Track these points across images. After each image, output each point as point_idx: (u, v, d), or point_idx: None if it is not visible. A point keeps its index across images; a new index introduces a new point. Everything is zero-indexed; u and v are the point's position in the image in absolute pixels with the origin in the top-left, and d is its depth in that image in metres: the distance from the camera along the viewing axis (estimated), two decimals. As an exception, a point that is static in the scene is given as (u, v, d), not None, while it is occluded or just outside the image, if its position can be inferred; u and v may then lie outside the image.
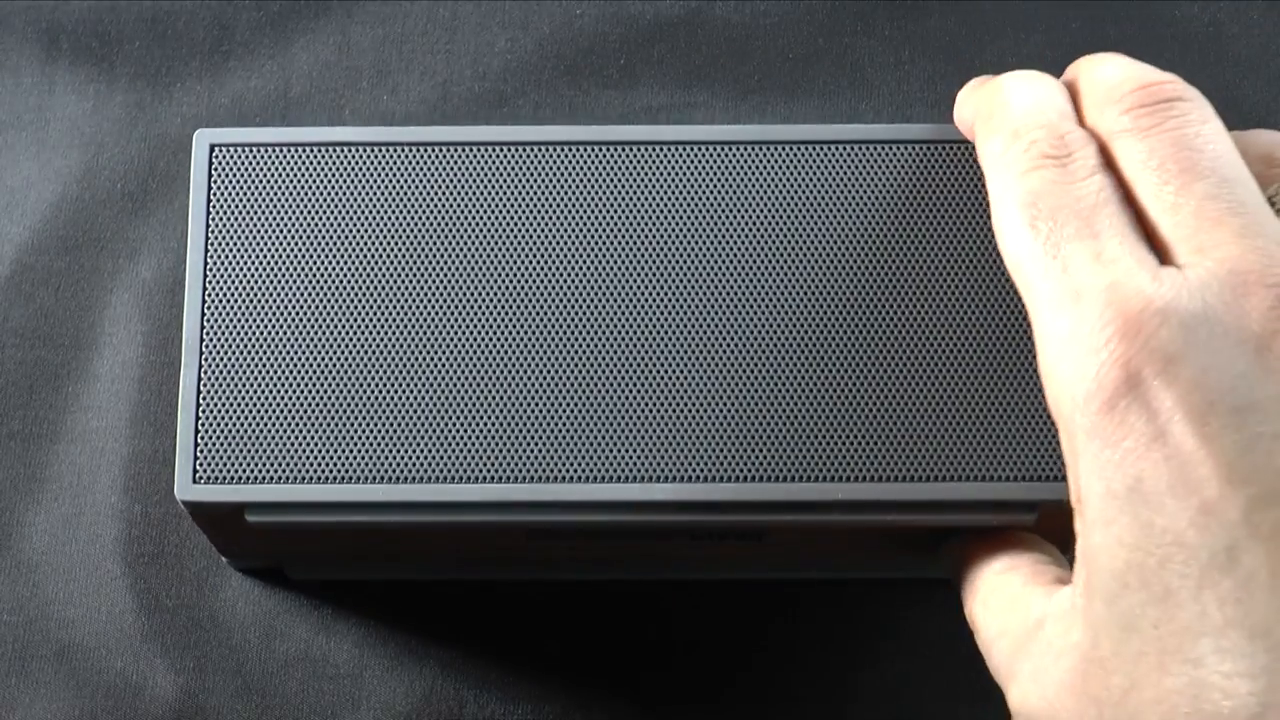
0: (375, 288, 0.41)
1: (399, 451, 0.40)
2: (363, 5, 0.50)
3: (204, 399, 0.40)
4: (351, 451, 0.40)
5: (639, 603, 0.47)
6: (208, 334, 0.40)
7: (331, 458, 0.40)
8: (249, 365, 0.40)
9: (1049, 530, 0.40)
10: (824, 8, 0.50)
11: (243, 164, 0.41)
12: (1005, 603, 0.38)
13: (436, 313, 0.40)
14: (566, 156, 0.41)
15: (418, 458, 0.40)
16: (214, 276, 0.41)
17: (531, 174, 0.41)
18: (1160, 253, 0.33)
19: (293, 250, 0.41)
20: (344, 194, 0.41)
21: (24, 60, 0.50)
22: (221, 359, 0.40)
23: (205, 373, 0.40)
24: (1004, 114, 0.37)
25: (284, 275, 0.41)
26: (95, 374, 0.48)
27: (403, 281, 0.41)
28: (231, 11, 0.50)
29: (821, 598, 0.47)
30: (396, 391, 0.40)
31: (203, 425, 0.40)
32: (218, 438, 0.40)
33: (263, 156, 0.41)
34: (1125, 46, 0.49)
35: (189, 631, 0.46)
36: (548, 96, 0.49)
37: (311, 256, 0.41)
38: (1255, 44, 0.49)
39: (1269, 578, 0.30)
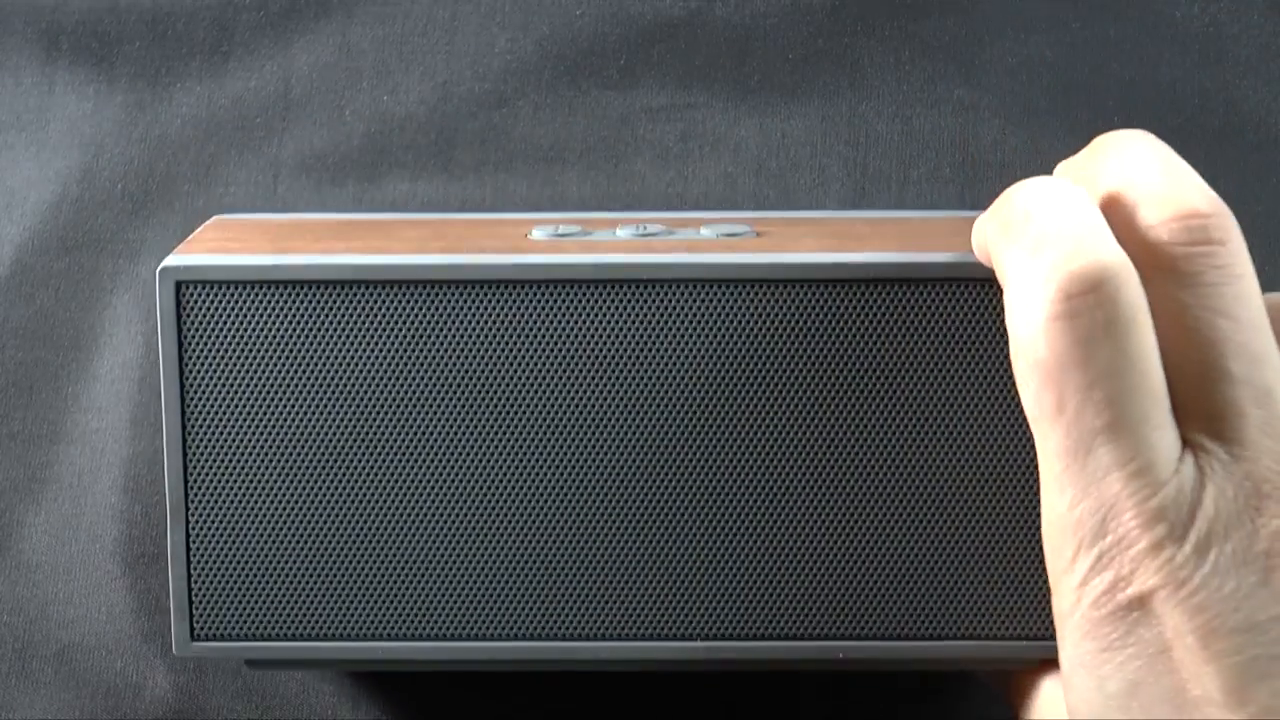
0: (363, 437, 0.39)
1: (394, 609, 0.40)
2: (363, 5, 0.50)
3: (194, 557, 0.40)
4: (347, 609, 0.40)
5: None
6: (192, 489, 0.40)
7: (327, 615, 0.40)
8: (238, 521, 0.40)
9: None
10: (824, 8, 0.50)
11: (213, 301, 0.39)
12: (1044, 705, 0.38)
13: (428, 463, 0.39)
14: (561, 295, 0.39)
15: (415, 615, 0.40)
16: (194, 427, 0.39)
17: (526, 313, 0.39)
18: (1174, 413, 0.33)
19: (275, 395, 0.39)
20: (327, 332, 0.39)
21: (24, 60, 0.50)
22: (209, 515, 0.40)
23: (193, 529, 0.40)
24: (1023, 226, 0.34)
25: (268, 423, 0.39)
26: (95, 374, 0.48)
27: (391, 431, 0.39)
28: (231, 11, 0.50)
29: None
30: (390, 547, 0.40)
31: (196, 584, 0.40)
32: (211, 597, 0.40)
33: (235, 293, 0.39)
34: (1125, 46, 0.49)
35: (189, 632, 0.46)
36: (548, 97, 0.49)
37: (294, 402, 0.39)
38: (1255, 44, 0.49)
39: None
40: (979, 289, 0.38)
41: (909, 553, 0.39)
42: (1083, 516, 0.33)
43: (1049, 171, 0.47)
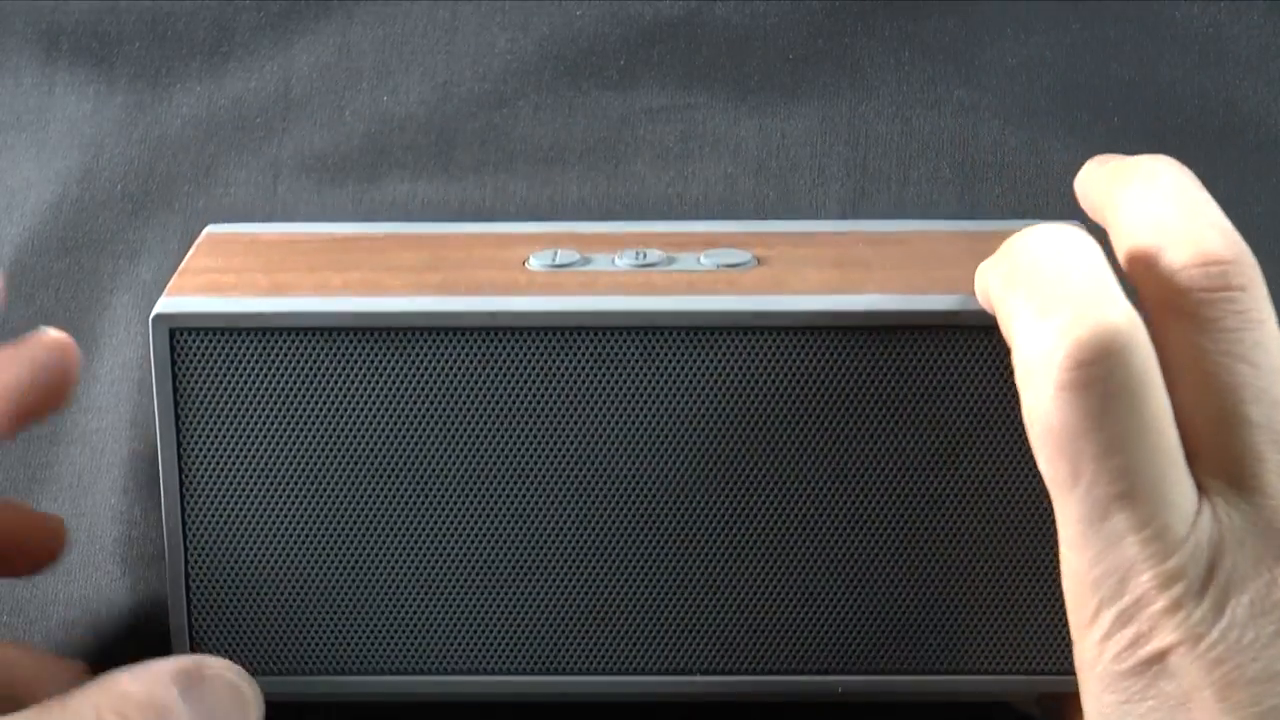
0: (359, 479, 0.39)
1: (393, 644, 0.40)
2: (363, 5, 0.50)
3: (193, 595, 0.40)
4: (346, 646, 0.40)
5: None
6: (190, 528, 0.40)
7: (326, 651, 0.40)
8: (236, 560, 0.40)
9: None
10: (824, 8, 0.50)
11: (208, 347, 0.39)
12: None
13: (424, 501, 0.39)
14: (559, 342, 0.39)
15: (414, 650, 0.40)
16: (190, 469, 0.40)
17: (522, 358, 0.39)
18: (1190, 459, 0.33)
19: (271, 437, 0.39)
20: (323, 376, 0.39)
21: (24, 60, 0.50)
22: (207, 554, 0.40)
23: (191, 568, 0.40)
24: (1029, 281, 0.34)
25: (264, 465, 0.39)
26: (95, 375, 0.48)
27: (387, 472, 0.39)
28: (231, 12, 0.50)
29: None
30: (387, 585, 0.40)
31: (195, 619, 0.40)
32: (210, 632, 0.40)
33: (229, 339, 0.39)
34: (1125, 46, 0.49)
35: (189, 632, 0.46)
36: (548, 97, 0.49)
37: (290, 445, 0.39)
38: (1255, 44, 0.49)
39: None
40: (982, 335, 0.38)
41: (907, 591, 0.40)
42: (1101, 576, 0.33)
43: (1049, 171, 0.47)
